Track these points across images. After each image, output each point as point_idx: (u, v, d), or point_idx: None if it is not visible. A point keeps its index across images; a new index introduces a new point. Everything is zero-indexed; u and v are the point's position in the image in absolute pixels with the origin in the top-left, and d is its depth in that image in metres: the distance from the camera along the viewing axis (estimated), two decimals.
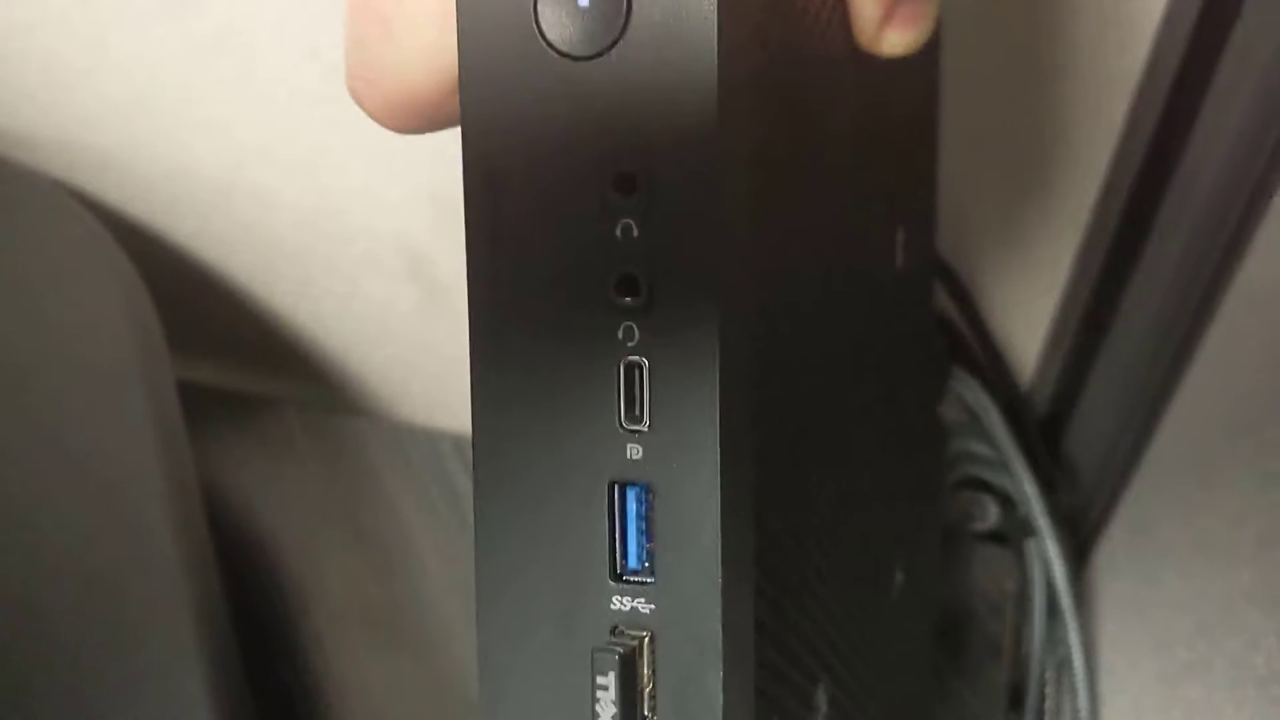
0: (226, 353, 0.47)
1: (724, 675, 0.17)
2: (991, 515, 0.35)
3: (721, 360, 0.16)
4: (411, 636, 0.44)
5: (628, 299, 0.16)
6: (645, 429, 0.17)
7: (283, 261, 0.43)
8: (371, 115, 0.19)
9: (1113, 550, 0.37)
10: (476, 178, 0.17)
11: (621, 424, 0.17)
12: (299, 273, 0.43)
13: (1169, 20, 0.32)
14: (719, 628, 0.17)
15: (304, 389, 0.47)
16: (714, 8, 0.15)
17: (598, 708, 0.17)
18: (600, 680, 0.17)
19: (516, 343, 0.17)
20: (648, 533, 0.17)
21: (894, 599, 0.29)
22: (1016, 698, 0.36)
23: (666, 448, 0.17)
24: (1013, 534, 0.36)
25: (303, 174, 0.39)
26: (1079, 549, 0.38)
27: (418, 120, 0.18)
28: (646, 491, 0.17)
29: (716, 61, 0.15)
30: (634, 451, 0.17)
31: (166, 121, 0.40)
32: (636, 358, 0.17)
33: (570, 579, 0.17)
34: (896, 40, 0.19)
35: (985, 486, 0.36)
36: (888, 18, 0.19)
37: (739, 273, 0.17)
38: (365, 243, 0.41)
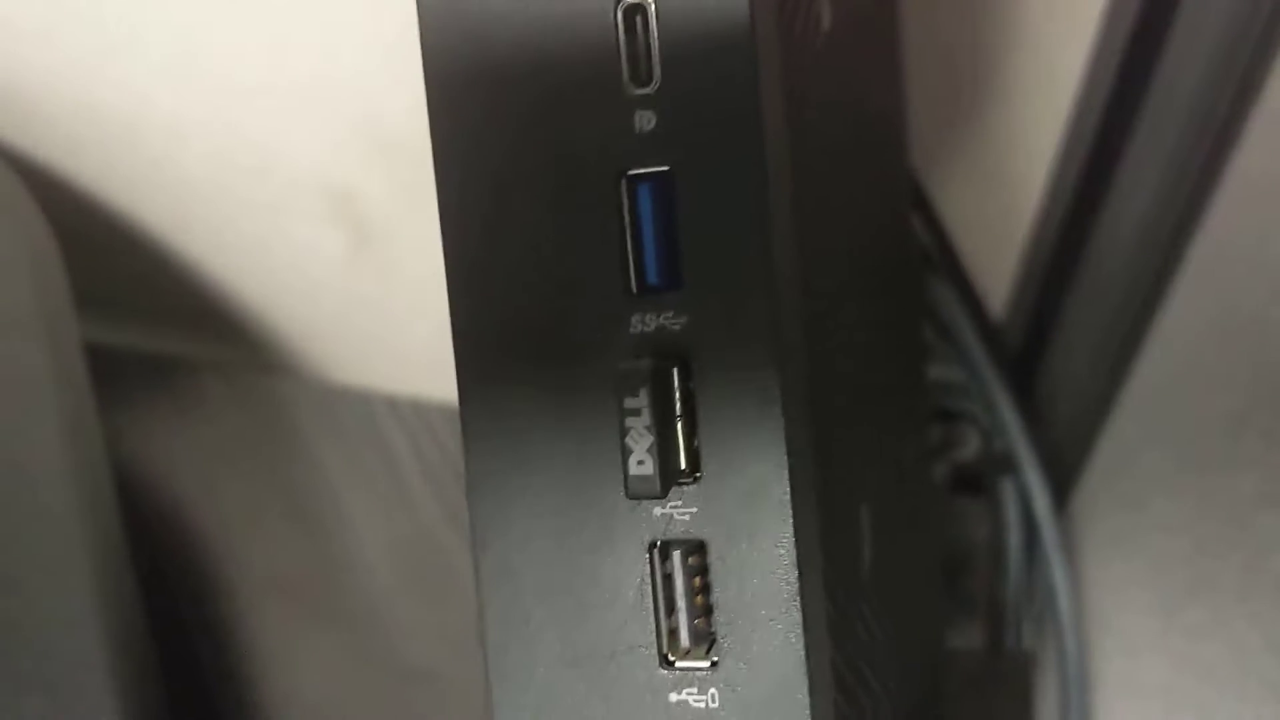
0: (139, 310, 0.44)
1: (782, 399, 0.13)
2: (972, 443, 0.32)
3: None
4: (341, 609, 0.40)
5: None
6: (654, 90, 0.13)
7: (196, 204, 0.40)
8: None
9: (1093, 490, 0.35)
10: None
11: (625, 87, 0.13)
12: (214, 217, 0.40)
13: None
14: (766, 345, 0.13)
15: (223, 348, 0.44)
16: None
17: (629, 440, 0.13)
18: (629, 403, 0.13)
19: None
20: (668, 235, 0.13)
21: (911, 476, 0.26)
22: (996, 647, 0.34)
23: (685, 113, 0.12)
24: (988, 471, 0.33)
25: (212, 100, 0.36)
26: (1056, 493, 0.36)
27: None
28: (665, 180, 0.13)
29: None
30: (644, 121, 0.13)
31: (71, 50, 0.36)
32: None
33: (577, 296, 0.13)
34: None
35: (959, 420, 0.33)
36: None
37: None
38: (283, 180, 0.38)
